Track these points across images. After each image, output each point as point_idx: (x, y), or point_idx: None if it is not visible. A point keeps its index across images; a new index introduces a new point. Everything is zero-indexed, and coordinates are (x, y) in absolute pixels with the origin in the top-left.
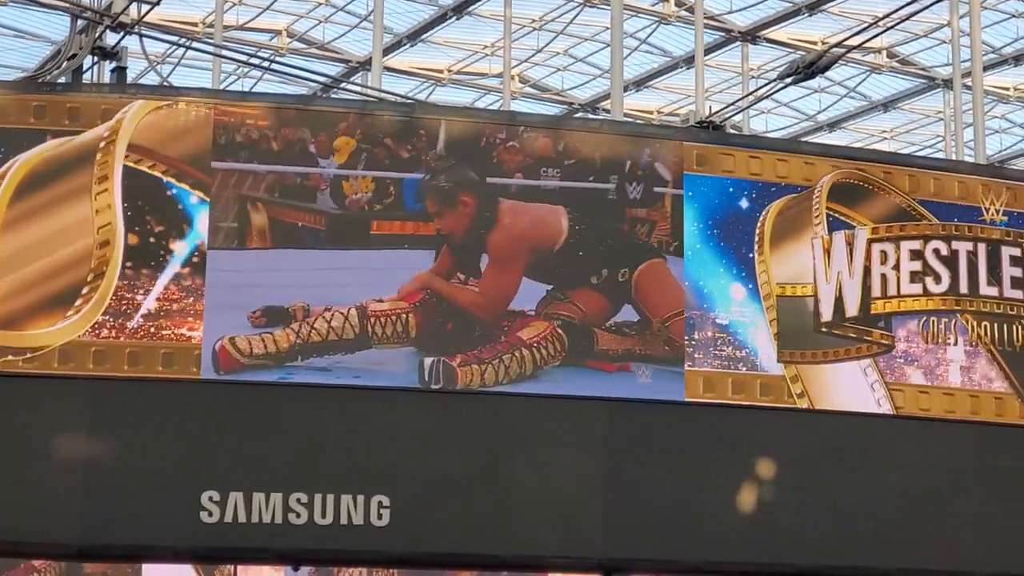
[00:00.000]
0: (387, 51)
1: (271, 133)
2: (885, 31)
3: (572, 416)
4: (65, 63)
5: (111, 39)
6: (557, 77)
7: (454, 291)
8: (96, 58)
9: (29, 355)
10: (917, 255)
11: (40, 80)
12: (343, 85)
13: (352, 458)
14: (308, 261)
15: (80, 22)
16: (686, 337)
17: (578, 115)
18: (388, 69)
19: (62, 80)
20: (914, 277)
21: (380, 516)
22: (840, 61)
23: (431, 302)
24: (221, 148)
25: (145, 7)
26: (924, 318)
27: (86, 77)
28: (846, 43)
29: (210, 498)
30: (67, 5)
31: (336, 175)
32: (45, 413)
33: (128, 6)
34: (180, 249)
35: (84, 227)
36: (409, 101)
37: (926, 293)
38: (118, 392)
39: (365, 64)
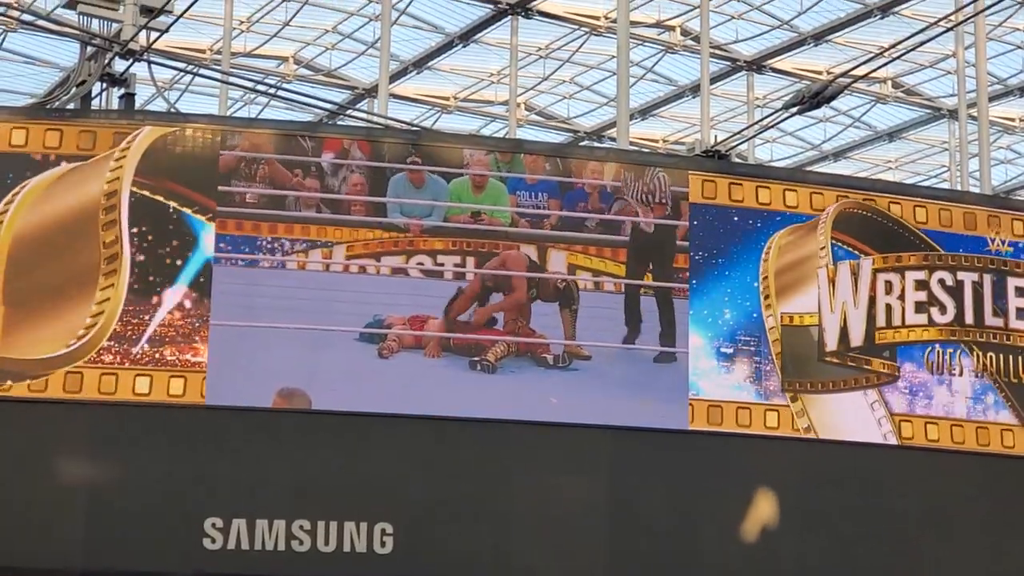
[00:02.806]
0: (394, 78)
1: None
2: (891, 62)
3: (575, 443)
4: (74, 89)
5: (120, 66)
6: (563, 105)
7: None
8: (105, 84)
9: (33, 380)
10: (922, 285)
11: (49, 106)
12: (349, 112)
13: (355, 485)
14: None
15: (89, 49)
16: (691, 365)
17: (583, 143)
18: (394, 96)
19: (71, 106)
20: (919, 307)
21: (383, 543)
22: (845, 91)
23: None
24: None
25: (154, 34)
26: (929, 348)
27: (95, 103)
28: (852, 73)
29: (213, 524)
30: (77, 32)
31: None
32: (49, 438)
33: (137, 33)
34: (186, 274)
35: (91, 252)
36: (415, 128)
37: (931, 323)
38: (122, 417)
39: (372, 91)
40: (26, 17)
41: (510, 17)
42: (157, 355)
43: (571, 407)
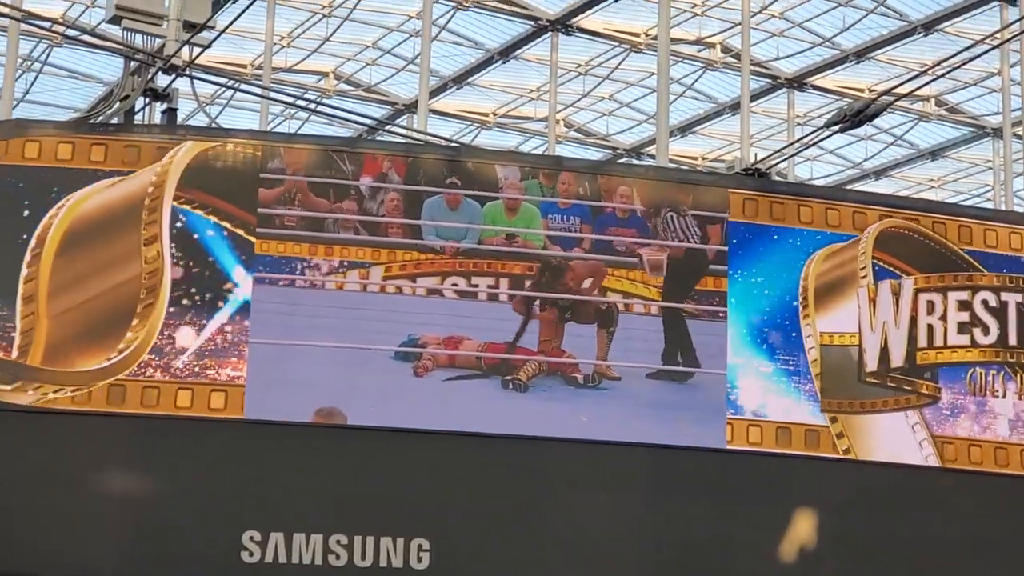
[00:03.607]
0: (433, 94)
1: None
2: (934, 80)
3: (612, 461)
4: (118, 104)
5: (163, 81)
6: (602, 122)
7: None
8: (148, 99)
9: (74, 392)
10: (965, 306)
11: (92, 121)
12: (389, 127)
13: (392, 500)
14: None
15: (133, 64)
16: (729, 384)
17: (622, 160)
18: (434, 112)
19: (114, 121)
20: (962, 328)
21: (420, 559)
22: (888, 109)
23: None
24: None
25: (197, 50)
26: (972, 369)
27: (138, 118)
28: (895, 91)
29: (251, 538)
30: (121, 47)
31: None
32: (90, 450)
33: (180, 49)
34: (226, 290)
35: (132, 266)
36: (454, 144)
37: (974, 344)
38: (161, 430)
39: (411, 107)
40: (71, 32)
41: (550, 34)
42: (198, 369)
43: (606, 426)
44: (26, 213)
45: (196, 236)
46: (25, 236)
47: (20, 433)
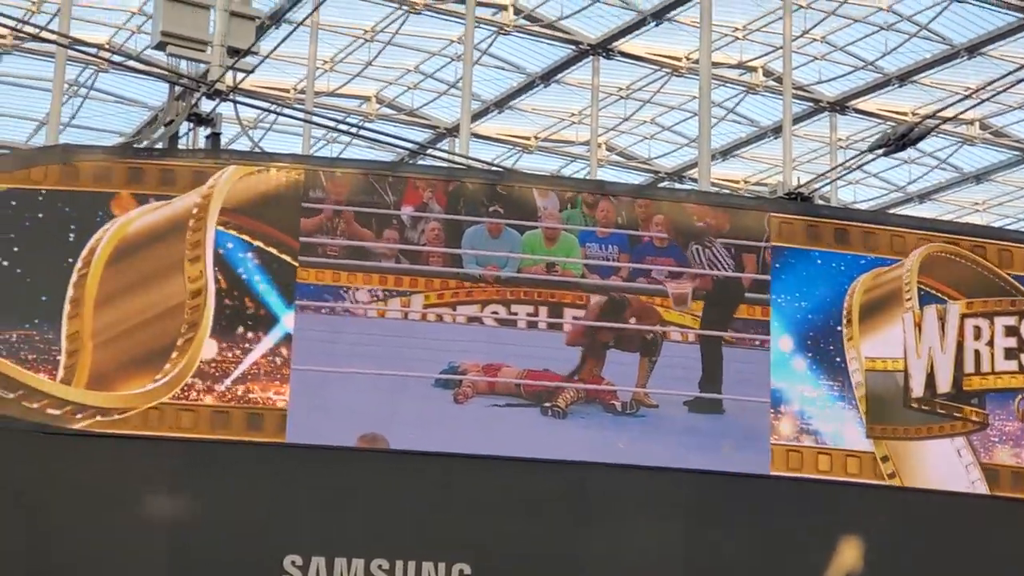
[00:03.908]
0: (475, 118)
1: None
2: (979, 104)
3: (654, 487)
4: (162, 129)
5: (207, 106)
6: (644, 145)
7: None
8: (192, 124)
9: (118, 416)
10: (1012, 331)
11: (138, 146)
12: (430, 151)
13: (433, 525)
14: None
15: (177, 89)
16: (772, 410)
17: (664, 184)
18: (475, 135)
19: (159, 145)
20: (1009, 353)
21: None
22: (931, 132)
23: None
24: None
25: (240, 75)
26: (1020, 396)
27: (182, 143)
28: (938, 115)
29: (292, 562)
30: (165, 73)
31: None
32: (132, 473)
33: (224, 74)
34: (269, 314)
35: (176, 289)
36: (496, 168)
37: (1021, 370)
38: (204, 454)
39: (453, 130)
40: (116, 58)
41: (591, 58)
42: (240, 393)
43: (648, 452)
44: (72, 237)
45: (239, 260)
46: (71, 260)
47: (63, 456)
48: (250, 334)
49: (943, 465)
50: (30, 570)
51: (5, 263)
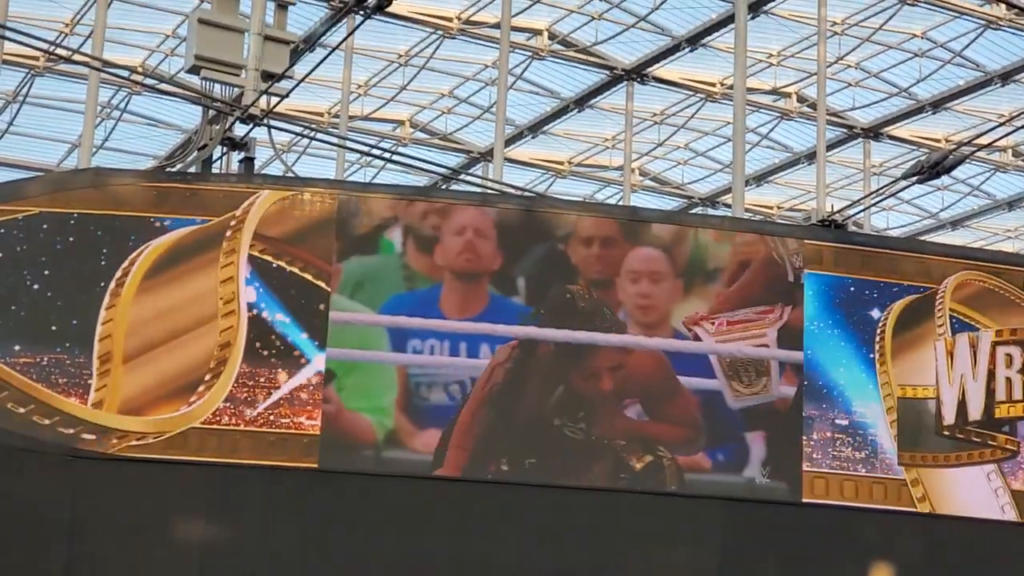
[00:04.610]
0: (509, 142)
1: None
2: (1014, 132)
3: (686, 514)
4: (196, 153)
5: (240, 130)
6: (677, 171)
7: None
8: (225, 148)
9: (152, 439)
10: None
11: (171, 169)
12: (463, 176)
13: (467, 550)
14: None
15: (211, 113)
16: (804, 437)
17: (697, 210)
18: (509, 160)
19: (192, 170)
20: None
21: None
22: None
23: None
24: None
25: (275, 99)
26: None
27: (215, 167)
28: (973, 143)
29: None
30: (199, 96)
31: None
32: (164, 497)
33: (258, 99)
34: (302, 338)
35: (208, 313)
36: (530, 194)
37: None
38: (235, 478)
39: (487, 155)
40: (149, 81)
41: (625, 83)
42: (272, 418)
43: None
44: (104, 262)
45: (272, 285)
46: (103, 284)
47: (97, 481)
48: (283, 360)
49: (973, 491)
50: None
51: (36, 287)
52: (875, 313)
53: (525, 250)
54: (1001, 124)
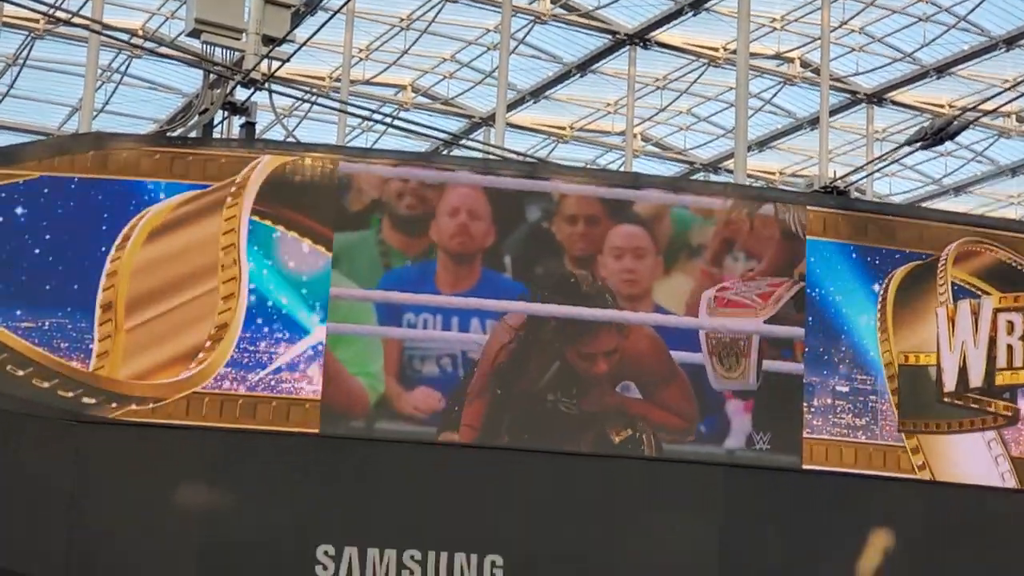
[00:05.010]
0: (511, 107)
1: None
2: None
3: (687, 481)
4: (197, 117)
5: (241, 94)
6: (680, 136)
7: None
8: (226, 113)
9: (152, 404)
10: None
11: (171, 134)
12: (464, 141)
13: (467, 516)
14: None
15: (211, 77)
16: (804, 404)
17: (699, 175)
18: (511, 125)
19: (193, 134)
20: None
21: (494, 575)
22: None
23: None
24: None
25: (276, 63)
26: None
27: (216, 132)
28: (977, 108)
29: (325, 552)
30: (199, 60)
31: None
32: (166, 462)
33: (259, 63)
34: (303, 303)
35: (210, 278)
36: (531, 160)
37: None
38: (238, 444)
39: (488, 120)
40: (150, 45)
41: (628, 48)
42: (274, 383)
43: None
44: (105, 227)
45: (274, 251)
46: (103, 249)
47: (94, 445)
48: (284, 326)
49: (973, 458)
50: (67, 559)
51: (37, 251)
52: (877, 280)
53: (514, 228)
54: (1005, 89)
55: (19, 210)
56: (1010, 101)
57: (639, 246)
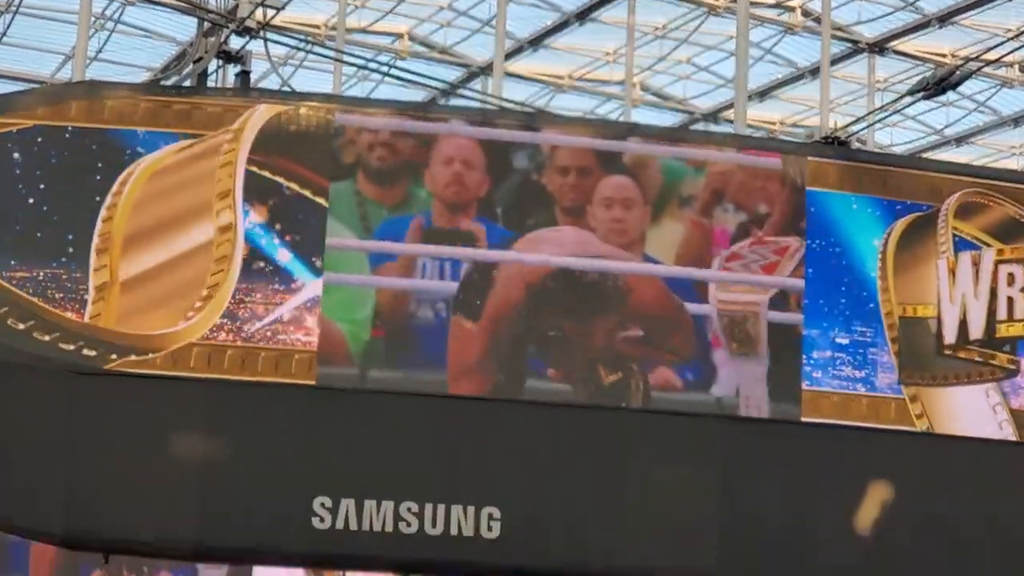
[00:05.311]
0: (508, 56)
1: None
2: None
3: (686, 433)
4: (191, 66)
5: (236, 43)
6: (679, 85)
7: None
8: (221, 62)
9: (150, 355)
10: None
11: (166, 83)
12: (462, 90)
13: (464, 468)
14: None
15: (206, 25)
16: (804, 356)
17: (699, 125)
18: (509, 74)
19: (187, 83)
20: None
21: (490, 528)
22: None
23: None
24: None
25: (271, 11)
26: None
27: (210, 80)
28: (979, 58)
29: (322, 504)
30: (193, 8)
31: None
32: (164, 414)
33: (254, 10)
34: (299, 253)
35: (205, 229)
36: (529, 110)
37: None
38: (235, 395)
39: (486, 69)
40: None
41: None
42: (270, 334)
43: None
44: (99, 176)
45: (269, 200)
46: (98, 199)
47: (92, 397)
48: (280, 277)
49: (974, 412)
50: (67, 509)
51: (31, 200)
52: (877, 231)
53: (506, 179)
54: (1008, 39)
55: (13, 160)
56: (1013, 51)
57: (628, 196)
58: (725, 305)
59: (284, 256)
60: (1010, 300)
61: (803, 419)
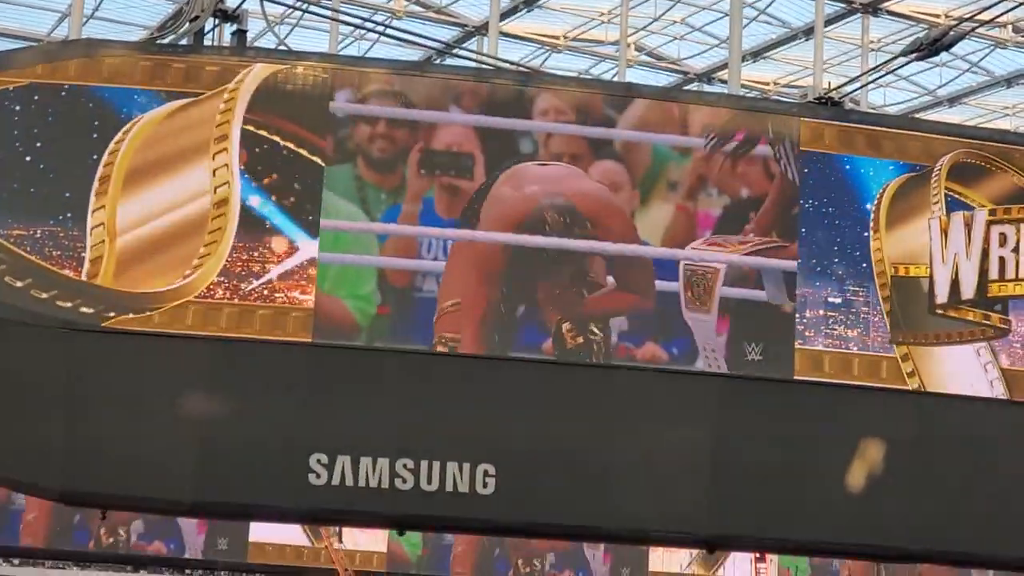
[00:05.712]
0: (504, 16)
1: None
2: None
3: (680, 390)
4: (187, 25)
5: (232, 1)
6: (674, 46)
7: None
8: (217, 20)
9: (148, 313)
10: None
11: (162, 42)
12: (456, 51)
13: (459, 426)
14: None
15: None
16: (797, 315)
17: (693, 86)
18: (504, 34)
19: (183, 42)
20: None
21: (485, 484)
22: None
23: None
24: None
25: None
26: None
27: (207, 39)
28: (973, 18)
29: (318, 460)
30: None
31: None
32: (162, 371)
33: None
34: (295, 212)
35: (202, 188)
36: (524, 70)
37: None
38: (232, 353)
39: (481, 29)
40: None
41: None
42: (266, 292)
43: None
44: (96, 135)
45: (266, 160)
46: (95, 157)
47: (90, 354)
48: (277, 236)
49: (965, 371)
50: (64, 466)
51: (28, 159)
52: (870, 191)
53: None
54: (1002, 0)
55: (10, 118)
56: (1006, 12)
57: (615, 180)
58: (692, 263)
59: (280, 215)
60: (1002, 260)
61: (795, 377)
